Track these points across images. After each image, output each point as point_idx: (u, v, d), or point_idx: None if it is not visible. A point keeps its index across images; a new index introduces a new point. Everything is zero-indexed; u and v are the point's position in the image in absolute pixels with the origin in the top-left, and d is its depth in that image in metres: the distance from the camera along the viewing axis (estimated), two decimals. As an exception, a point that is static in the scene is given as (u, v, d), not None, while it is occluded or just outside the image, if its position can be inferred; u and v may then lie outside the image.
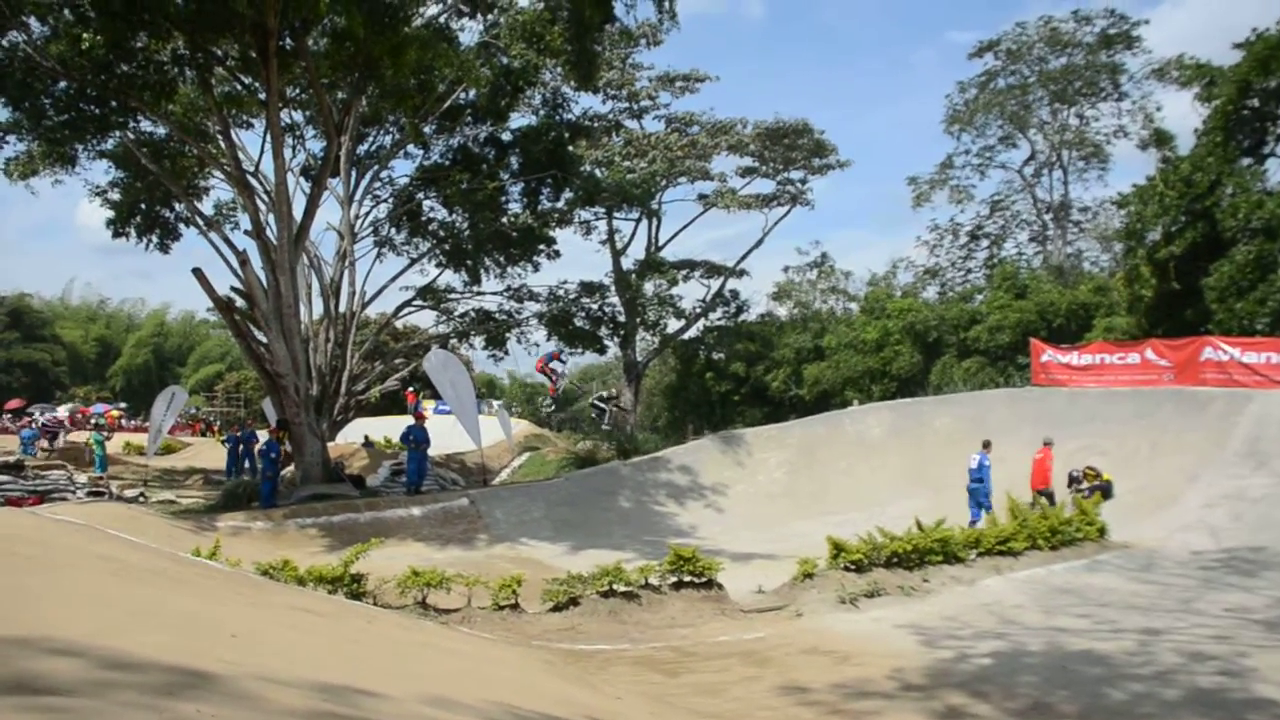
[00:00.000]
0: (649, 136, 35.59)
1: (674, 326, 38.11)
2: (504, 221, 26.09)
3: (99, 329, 72.92)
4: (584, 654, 8.40)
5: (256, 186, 21.31)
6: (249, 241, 19.99)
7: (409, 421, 21.85)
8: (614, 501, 21.03)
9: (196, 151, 21.39)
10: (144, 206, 23.62)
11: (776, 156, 36.86)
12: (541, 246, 27.75)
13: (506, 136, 26.44)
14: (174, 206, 23.74)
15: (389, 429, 34.73)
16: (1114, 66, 40.90)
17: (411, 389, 35.45)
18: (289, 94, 21.70)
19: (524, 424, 41.83)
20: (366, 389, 25.83)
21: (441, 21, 21.30)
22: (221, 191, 27.01)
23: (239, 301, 20.11)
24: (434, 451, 22.64)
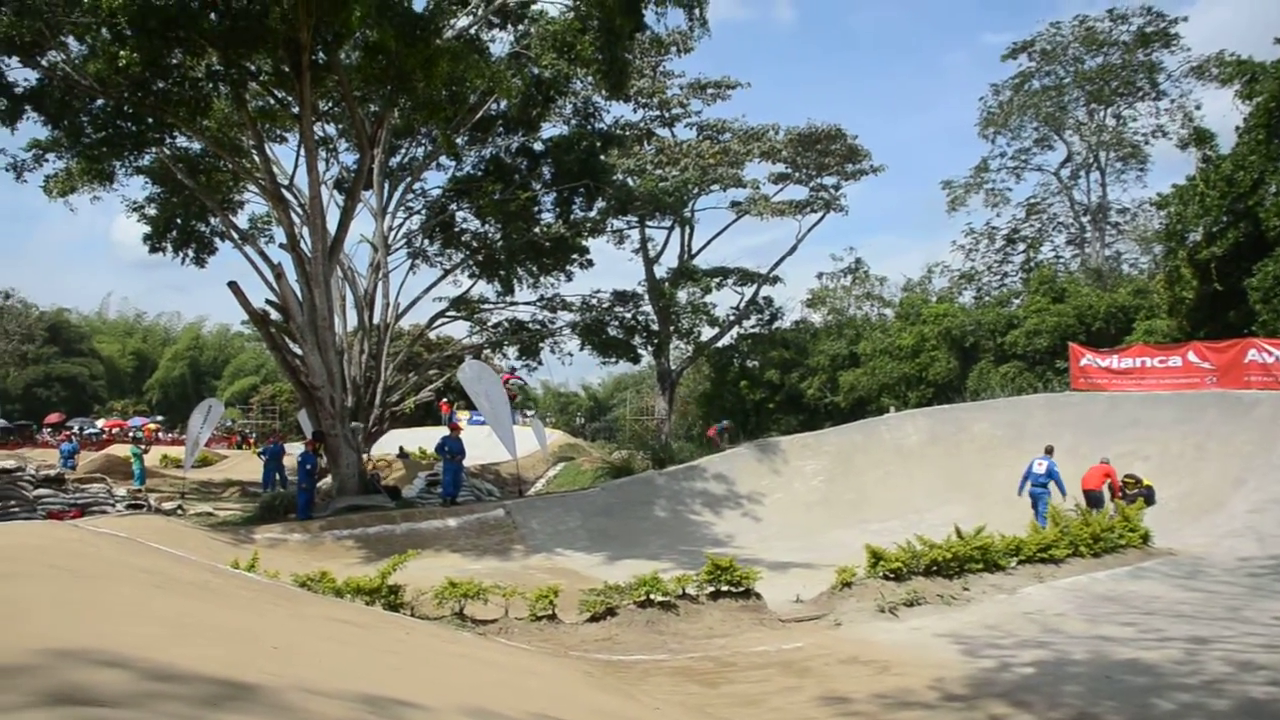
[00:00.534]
0: (681, 144, 35.61)
1: (708, 334, 38.02)
2: (537, 231, 26.15)
3: (136, 343, 73.92)
4: (622, 665, 8.34)
5: (291, 200, 21.45)
6: (284, 255, 20.10)
7: (443, 432, 21.92)
8: (650, 511, 20.97)
9: (231, 166, 21.57)
10: (180, 221, 23.84)
11: (809, 162, 36.74)
12: (574, 256, 27.79)
13: (538, 146, 26.54)
14: (209, 221, 23.94)
15: (423, 440, 34.95)
16: (1152, 65, 40.40)
17: (446, 400, 35.65)
18: (322, 108, 21.88)
19: (558, 434, 41.94)
20: (401, 400, 25.93)
21: (472, 33, 21.36)
22: (256, 205, 27.25)
23: (274, 314, 20.23)
24: (469, 462, 22.69)
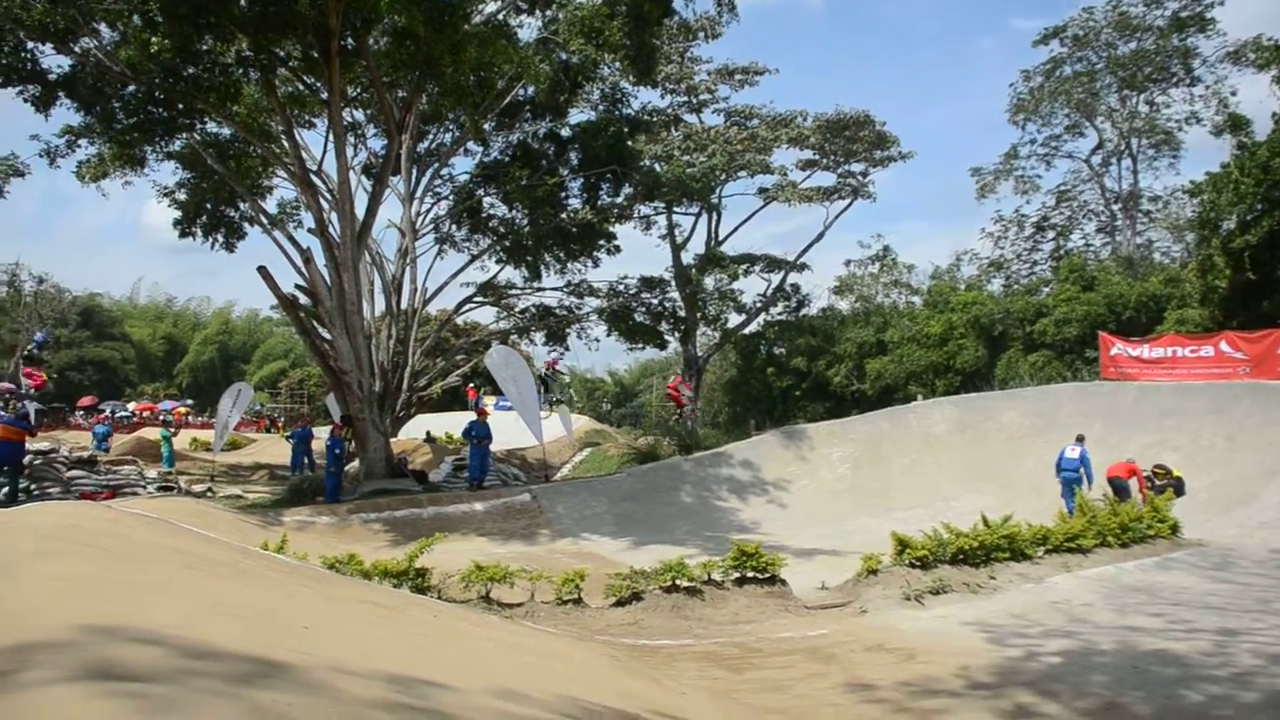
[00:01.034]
0: (708, 130, 35.50)
1: (735, 321, 38.01)
2: (564, 217, 26.15)
3: (166, 327, 74.53)
4: (648, 649, 8.36)
5: (319, 185, 21.55)
6: (313, 240, 20.26)
7: (470, 417, 22.00)
8: (676, 497, 20.99)
9: (261, 151, 21.69)
10: (210, 206, 23.98)
11: (837, 149, 36.56)
12: (601, 242, 27.76)
13: (566, 132, 26.53)
14: (239, 206, 24.07)
15: (450, 425, 35.09)
16: (1186, 50, 39.68)
17: (472, 385, 35.76)
18: (350, 93, 21.93)
19: (584, 419, 41.98)
20: (428, 385, 26.06)
21: (500, 18, 21.36)
22: (285, 191, 27.45)
23: (303, 299, 20.39)
24: (495, 447, 22.78)
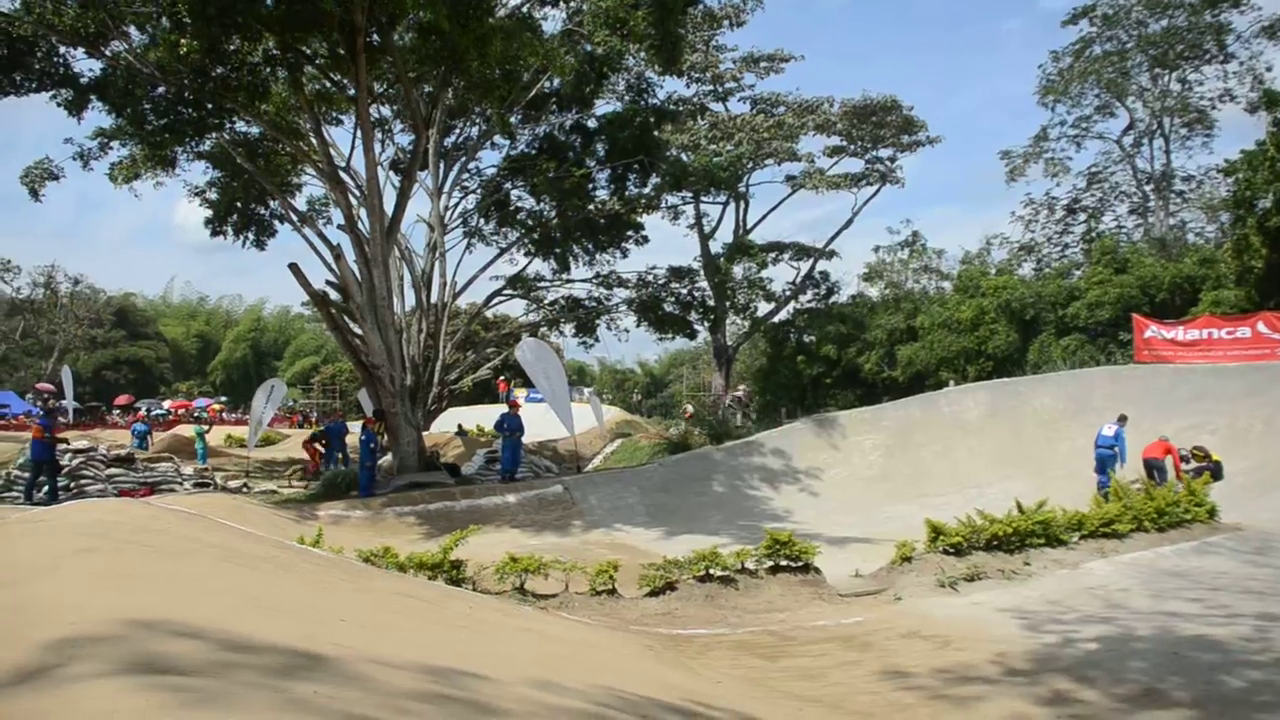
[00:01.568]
0: (735, 119, 35.42)
1: (764, 309, 38.00)
2: (591, 208, 26.15)
3: (199, 325, 75.52)
4: (682, 638, 8.38)
5: (348, 182, 21.69)
6: (342, 236, 20.37)
7: (501, 410, 22.09)
8: (708, 486, 20.98)
9: (289, 149, 21.85)
10: (240, 205, 24.21)
11: (865, 135, 36.41)
12: (629, 232, 27.76)
13: (592, 123, 26.50)
14: (269, 204, 24.28)
15: (481, 418, 35.24)
16: (1220, 26, 39.10)
17: (503, 378, 35.91)
18: (377, 90, 22.03)
19: (615, 410, 42.09)
20: (459, 378, 26.17)
21: (524, 11, 21.40)
22: (314, 188, 27.61)
23: (334, 295, 20.53)
24: (526, 439, 22.85)
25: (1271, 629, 7.95)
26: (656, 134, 27.19)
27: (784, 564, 10.23)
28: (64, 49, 18.17)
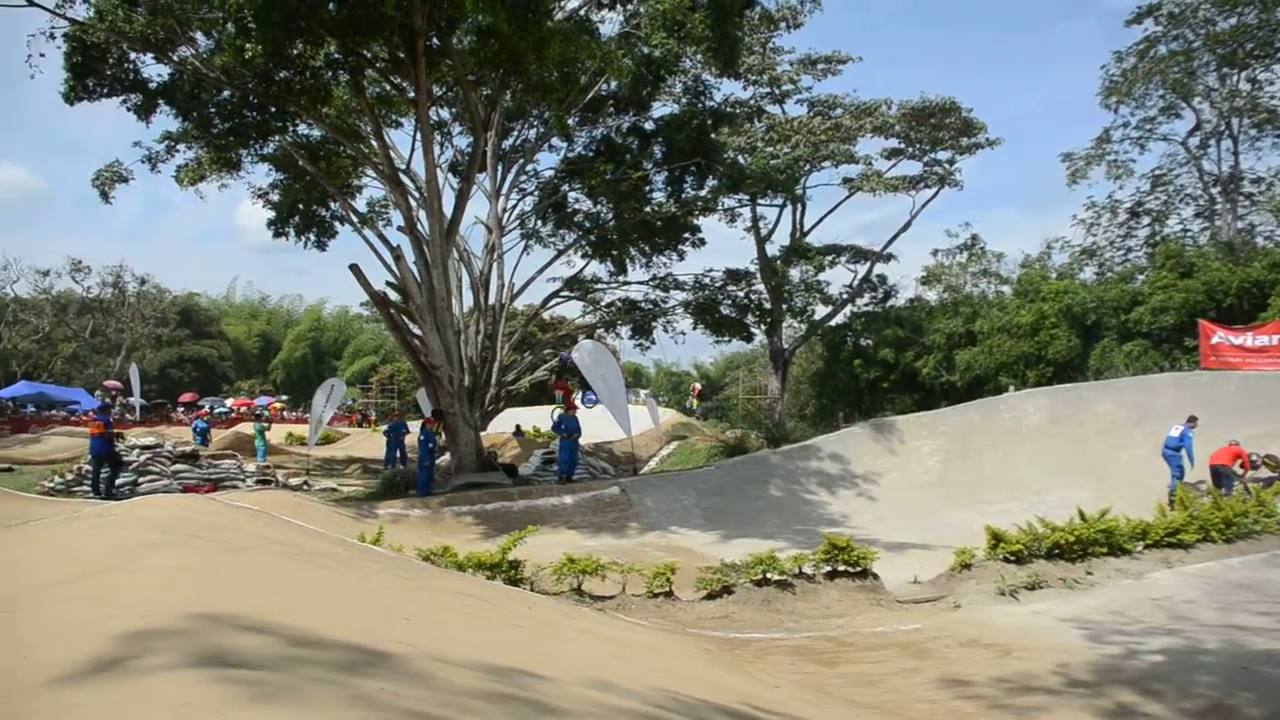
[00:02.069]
0: (792, 121, 35.19)
1: (821, 313, 37.66)
2: (648, 211, 26.12)
3: (260, 325, 76.82)
4: (739, 642, 8.35)
5: (408, 184, 21.92)
6: (402, 237, 20.63)
7: (559, 411, 22.18)
8: (764, 490, 20.87)
9: (350, 152, 22.13)
10: (302, 206, 24.52)
11: (923, 137, 35.98)
12: (686, 235, 27.68)
13: (649, 126, 26.49)
14: (330, 205, 24.57)
15: (538, 419, 35.40)
16: (1291, 22, 38.10)
17: (562, 379, 36.03)
18: (436, 93, 22.23)
19: (671, 413, 42.05)
20: (516, 379, 26.31)
21: (582, 14, 21.45)
22: (374, 190, 27.94)
23: (394, 295, 20.77)
24: (582, 441, 22.93)
25: (1347, 645, 7.73)
26: (713, 136, 27.12)
27: (842, 569, 10.16)
28: (134, 55, 18.60)
